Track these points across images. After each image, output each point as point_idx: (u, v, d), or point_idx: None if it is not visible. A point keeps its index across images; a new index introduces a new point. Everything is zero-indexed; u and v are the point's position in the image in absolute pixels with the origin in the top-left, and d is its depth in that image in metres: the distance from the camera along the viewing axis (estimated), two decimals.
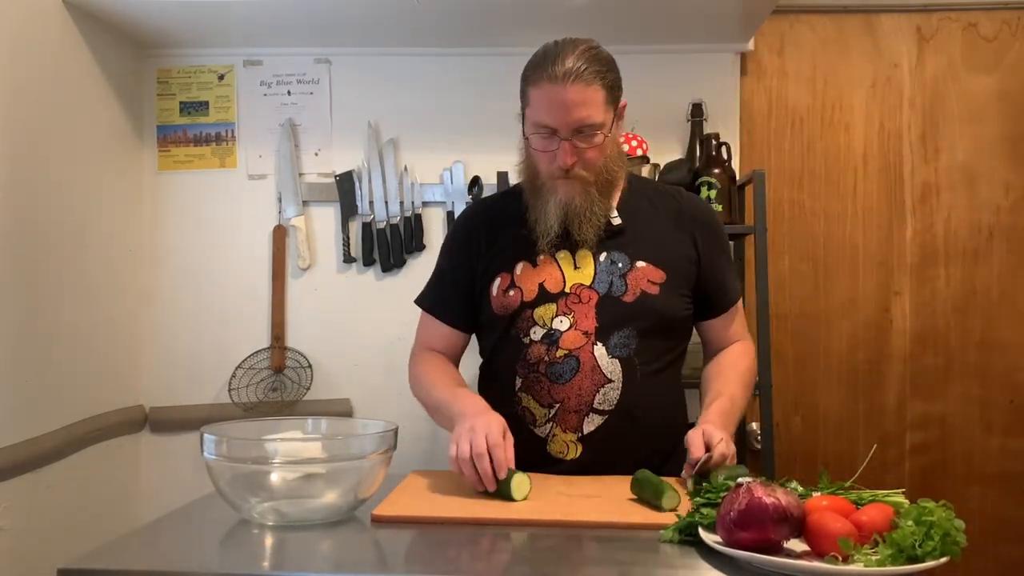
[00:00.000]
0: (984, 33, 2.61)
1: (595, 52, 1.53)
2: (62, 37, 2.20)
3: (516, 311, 1.60)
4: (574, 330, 1.56)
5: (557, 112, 1.50)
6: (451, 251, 1.75)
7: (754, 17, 2.38)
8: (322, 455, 1.24)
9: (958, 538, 0.98)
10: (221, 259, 2.62)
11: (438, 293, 1.75)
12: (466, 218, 1.77)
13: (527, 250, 1.62)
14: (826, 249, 2.63)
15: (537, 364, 1.57)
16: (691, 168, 2.40)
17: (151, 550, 1.18)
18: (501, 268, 1.64)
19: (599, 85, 1.51)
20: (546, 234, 1.58)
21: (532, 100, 1.54)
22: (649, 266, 1.60)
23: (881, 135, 2.62)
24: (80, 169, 2.28)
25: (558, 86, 1.48)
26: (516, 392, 1.59)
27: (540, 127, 1.54)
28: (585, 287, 1.58)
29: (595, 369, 1.55)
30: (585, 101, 1.49)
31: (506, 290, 1.62)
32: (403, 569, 1.14)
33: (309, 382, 2.56)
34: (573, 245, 1.61)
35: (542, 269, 1.61)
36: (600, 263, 1.60)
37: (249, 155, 2.63)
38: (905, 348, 2.61)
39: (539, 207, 1.60)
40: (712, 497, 1.18)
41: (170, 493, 2.42)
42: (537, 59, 1.54)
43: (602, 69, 1.51)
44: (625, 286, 1.58)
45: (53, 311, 2.15)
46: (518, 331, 1.60)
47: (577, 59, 1.49)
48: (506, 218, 1.68)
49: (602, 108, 1.52)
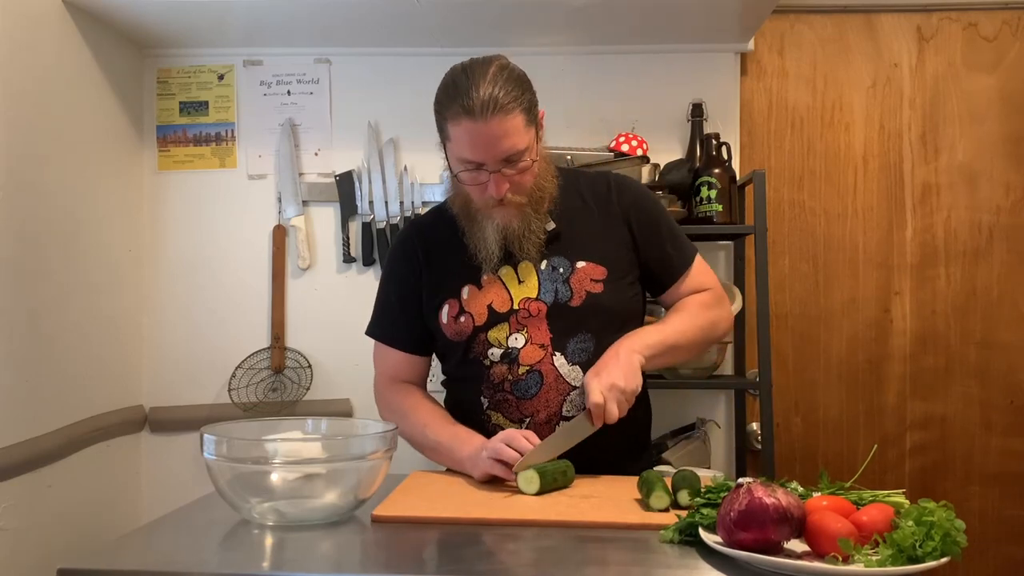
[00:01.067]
0: (984, 33, 2.61)
1: (507, 73, 1.48)
2: (62, 37, 2.20)
3: (470, 336, 1.59)
4: (531, 344, 1.56)
5: (480, 148, 1.47)
6: (393, 278, 1.73)
7: (754, 17, 2.38)
8: (322, 455, 1.24)
9: (958, 538, 0.98)
10: (221, 259, 2.62)
11: (389, 322, 1.72)
12: (402, 243, 1.73)
13: (470, 273, 1.61)
14: (826, 249, 2.63)
15: (501, 383, 1.57)
16: (691, 168, 2.40)
17: (151, 550, 1.18)
18: (448, 295, 1.62)
19: (518, 111, 1.46)
20: (489, 260, 1.58)
21: (452, 136, 1.49)
22: (589, 264, 1.59)
23: (881, 135, 2.62)
24: (80, 169, 2.28)
25: (478, 123, 1.43)
26: (484, 411, 1.60)
27: (465, 162, 1.50)
28: (532, 300, 1.57)
29: (558, 379, 1.56)
30: (507, 132, 1.45)
31: (456, 316, 1.61)
32: (403, 569, 1.14)
33: (309, 382, 2.56)
34: (514, 260, 1.60)
35: (488, 290, 1.59)
36: (542, 272, 1.59)
37: (249, 155, 2.63)
38: (905, 348, 2.61)
39: (477, 233, 1.58)
40: (712, 497, 1.18)
41: (170, 493, 2.43)
42: (448, 90, 1.48)
43: (518, 92, 1.47)
44: (570, 291, 1.57)
45: (53, 311, 2.15)
46: (476, 354, 1.60)
47: (491, 85, 1.44)
48: (443, 241, 1.65)
49: (524, 132, 1.48)
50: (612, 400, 1.44)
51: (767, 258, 2.32)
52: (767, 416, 2.27)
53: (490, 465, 1.44)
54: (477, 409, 1.61)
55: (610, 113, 2.53)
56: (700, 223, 2.35)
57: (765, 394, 2.26)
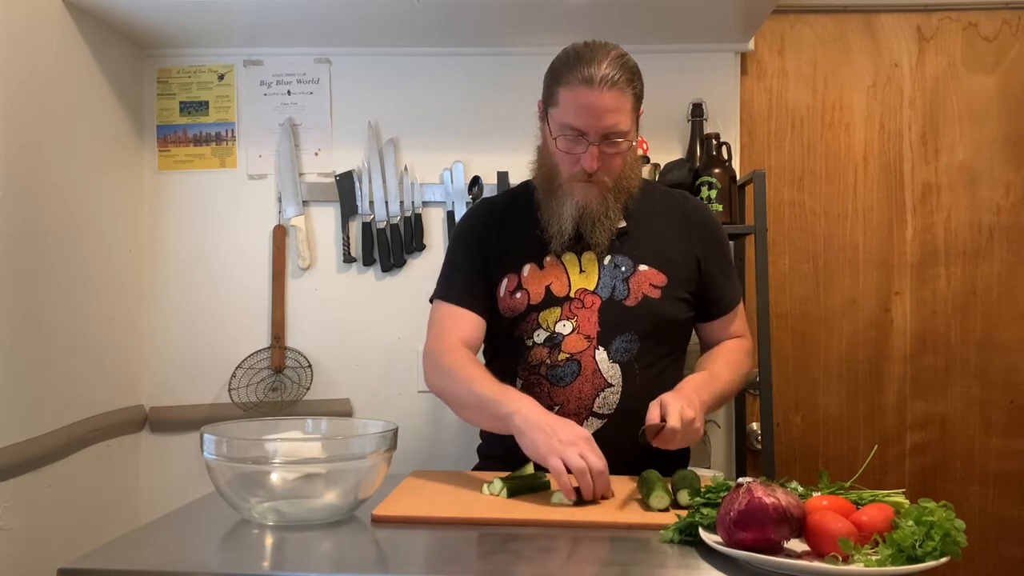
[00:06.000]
0: (984, 33, 2.61)
1: (625, 59, 1.54)
2: (62, 37, 2.20)
3: (522, 313, 1.61)
4: (576, 334, 1.57)
5: (589, 116, 1.50)
6: (464, 244, 1.73)
7: (754, 17, 2.38)
8: (322, 455, 1.24)
9: (958, 538, 0.98)
10: (221, 259, 2.62)
11: (461, 283, 1.69)
12: (475, 213, 1.77)
13: (534, 252, 1.63)
14: (826, 249, 2.63)
15: (539, 367, 1.58)
16: (691, 168, 2.40)
17: (151, 550, 1.18)
18: (509, 269, 1.64)
19: (630, 93, 1.52)
20: (559, 235, 1.59)
21: (562, 101, 1.53)
22: (651, 269, 1.61)
23: (881, 135, 2.62)
24: (80, 169, 2.28)
25: (594, 90, 1.48)
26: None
27: (568, 129, 1.53)
28: (588, 292, 1.59)
29: (596, 373, 1.56)
30: (618, 107, 1.50)
31: (513, 292, 1.62)
32: (403, 569, 1.14)
33: (309, 382, 2.56)
34: (580, 248, 1.61)
35: (548, 272, 1.61)
36: (604, 267, 1.61)
37: (249, 155, 2.63)
38: (905, 348, 2.61)
39: (554, 208, 1.60)
40: (712, 497, 1.18)
41: (170, 493, 2.43)
42: (569, 59, 1.53)
43: (632, 78, 1.53)
44: (628, 290, 1.59)
45: (53, 311, 2.15)
46: (522, 333, 1.61)
47: (612, 65, 1.49)
48: (514, 218, 1.68)
49: (630, 116, 1.54)
50: (683, 433, 1.40)
51: (767, 258, 2.32)
52: (767, 416, 2.27)
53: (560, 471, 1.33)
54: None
55: None
56: None
57: (765, 394, 2.26)
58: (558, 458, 1.33)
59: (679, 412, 1.39)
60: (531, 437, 1.38)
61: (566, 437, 1.36)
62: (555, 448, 1.35)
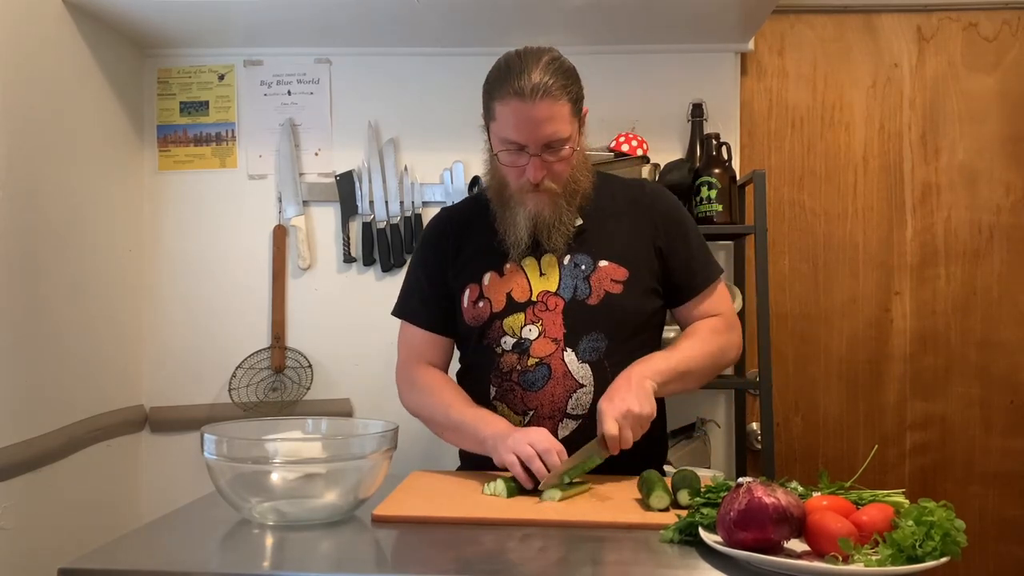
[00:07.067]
0: (984, 33, 2.61)
1: (559, 64, 1.52)
2: (62, 37, 2.20)
3: (486, 322, 1.61)
4: (543, 338, 1.57)
5: (525, 129, 1.50)
6: (423, 260, 1.74)
7: (754, 17, 2.38)
8: (322, 455, 1.24)
9: (958, 538, 0.98)
10: (221, 259, 2.62)
11: (417, 301, 1.73)
12: (434, 227, 1.76)
13: (494, 260, 1.63)
14: (826, 249, 2.63)
15: (510, 373, 1.59)
16: (691, 168, 2.40)
17: (151, 550, 1.18)
18: (470, 279, 1.65)
19: (565, 99, 1.51)
20: (516, 245, 1.60)
21: (498, 116, 1.53)
22: (612, 264, 1.60)
23: (881, 135, 2.62)
24: (80, 169, 2.28)
25: (526, 103, 1.47)
26: (491, 400, 1.61)
27: (508, 143, 1.53)
28: (551, 294, 1.59)
29: (566, 375, 1.56)
30: (553, 116, 1.49)
31: (475, 301, 1.63)
32: (403, 569, 1.14)
33: (309, 382, 2.56)
34: (540, 252, 1.61)
35: (509, 278, 1.62)
36: (564, 267, 1.60)
37: (249, 155, 2.63)
38: (905, 348, 2.61)
39: (508, 218, 1.60)
40: (712, 497, 1.18)
41: (170, 493, 2.43)
42: (501, 72, 1.52)
43: (567, 83, 1.51)
44: (589, 289, 1.59)
45: (53, 311, 2.15)
46: (490, 341, 1.61)
47: (542, 72, 1.48)
48: (473, 227, 1.68)
49: (568, 121, 1.52)
50: (627, 427, 1.43)
51: (767, 258, 2.32)
52: (767, 416, 2.27)
53: (513, 462, 1.42)
54: (484, 398, 1.62)
55: (610, 113, 2.53)
56: (700, 223, 2.34)
57: (765, 394, 2.26)
58: (510, 452, 1.43)
59: (611, 416, 1.42)
60: (500, 451, 1.46)
61: (521, 436, 1.45)
62: (508, 447, 1.44)
